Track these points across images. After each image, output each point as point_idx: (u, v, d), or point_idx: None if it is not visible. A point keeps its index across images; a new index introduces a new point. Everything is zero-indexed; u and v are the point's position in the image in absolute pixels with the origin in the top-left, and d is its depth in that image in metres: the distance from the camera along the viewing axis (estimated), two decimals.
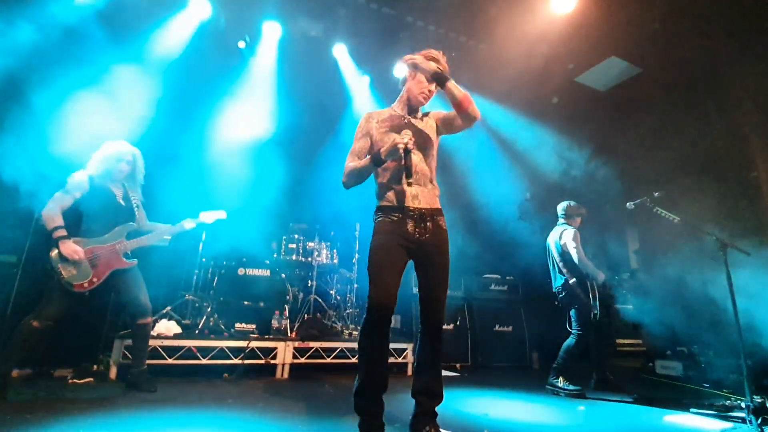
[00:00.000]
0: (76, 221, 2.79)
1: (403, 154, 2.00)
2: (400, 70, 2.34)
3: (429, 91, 2.20)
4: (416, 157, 2.11)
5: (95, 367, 3.29)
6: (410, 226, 2.04)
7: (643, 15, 4.50)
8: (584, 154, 5.89)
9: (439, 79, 2.10)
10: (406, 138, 2.00)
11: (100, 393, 2.74)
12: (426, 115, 2.32)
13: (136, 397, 2.67)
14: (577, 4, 4.47)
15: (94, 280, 2.72)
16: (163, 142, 4.24)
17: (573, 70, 5.63)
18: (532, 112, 6.15)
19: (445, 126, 2.29)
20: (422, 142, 2.16)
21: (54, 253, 2.62)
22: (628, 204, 3.65)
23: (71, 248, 2.63)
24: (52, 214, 2.65)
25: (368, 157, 2.11)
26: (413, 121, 2.24)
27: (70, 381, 3.00)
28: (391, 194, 2.11)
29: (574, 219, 4.04)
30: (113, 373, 3.17)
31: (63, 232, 2.64)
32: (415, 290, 4.39)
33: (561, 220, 4.08)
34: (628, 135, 6.12)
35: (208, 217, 3.42)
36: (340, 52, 5.38)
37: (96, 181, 2.86)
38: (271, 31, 5.05)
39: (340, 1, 4.74)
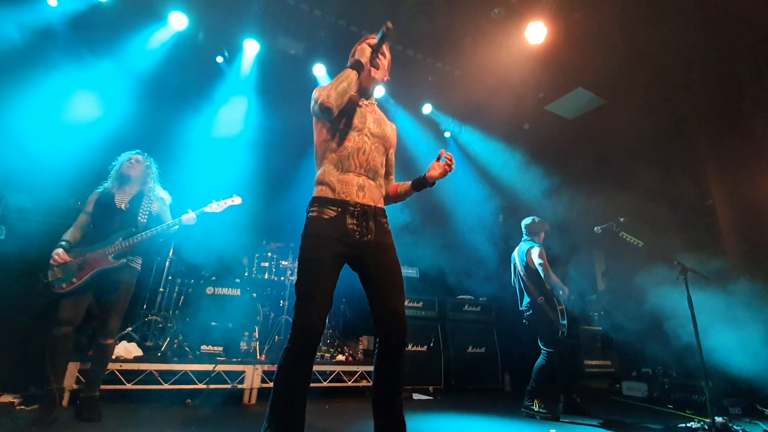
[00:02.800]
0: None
1: (385, 32, 1.79)
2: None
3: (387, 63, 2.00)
4: (369, 144, 1.87)
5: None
6: (350, 223, 1.73)
7: (608, 51, 4.79)
8: (553, 177, 6.11)
9: (427, 184, 1.98)
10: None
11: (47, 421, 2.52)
12: (384, 117, 2.08)
13: (86, 427, 2.47)
14: (547, 38, 4.72)
15: (75, 281, 2.65)
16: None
17: (542, 99, 5.89)
18: (504, 136, 6.37)
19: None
20: (379, 131, 1.93)
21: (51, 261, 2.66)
22: (595, 228, 3.79)
23: (56, 253, 2.65)
24: (68, 231, 2.79)
25: (347, 68, 1.83)
26: (373, 107, 2.03)
27: (16, 407, 2.76)
28: (331, 181, 1.78)
29: (538, 235, 4.03)
30: (65, 400, 2.94)
31: (61, 243, 2.71)
32: None
33: (525, 237, 4.07)
34: (593, 161, 6.42)
35: (217, 206, 3.06)
36: (320, 71, 5.45)
37: (104, 192, 2.89)
38: (251, 48, 5.06)
39: (321, 24, 4.83)
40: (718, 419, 3.01)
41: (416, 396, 4.38)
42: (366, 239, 1.74)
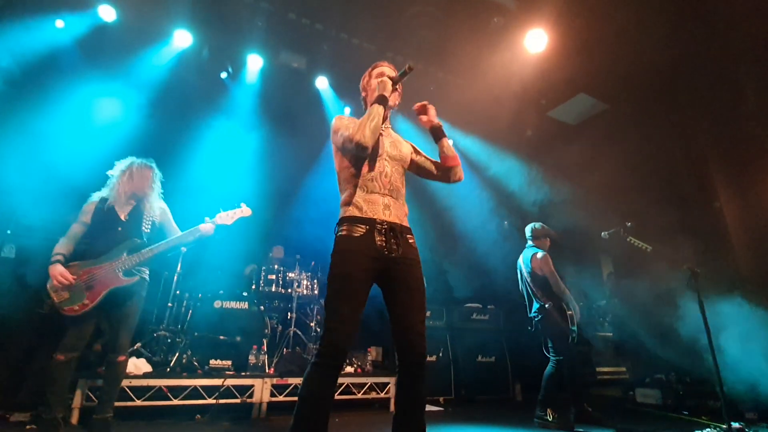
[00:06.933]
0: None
1: (407, 70, 1.88)
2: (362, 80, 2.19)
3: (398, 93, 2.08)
4: (390, 167, 1.94)
5: None
6: (378, 240, 1.77)
7: (609, 56, 4.81)
8: (557, 183, 6.10)
9: (436, 132, 2.05)
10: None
11: None
12: (399, 137, 2.15)
13: None
14: (548, 45, 4.75)
15: (87, 302, 2.51)
16: None
17: (545, 106, 5.91)
18: (507, 143, 6.38)
19: (419, 168, 2.14)
20: (397, 153, 2.01)
21: (49, 280, 2.51)
22: (602, 233, 3.77)
23: (56, 271, 2.48)
24: (59, 242, 2.61)
25: (372, 104, 1.88)
26: (389, 130, 2.09)
27: (27, 427, 2.75)
28: (358, 202, 1.84)
29: (543, 241, 3.96)
30: (75, 418, 2.94)
31: (57, 257, 2.54)
32: None
33: (529, 243, 4.00)
34: (597, 166, 6.40)
35: (227, 217, 2.93)
36: (323, 84, 5.51)
37: (103, 202, 2.74)
38: (255, 62, 5.13)
39: (323, 37, 4.89)
40: (735, 425, 2.96)
41: (427, 408, 4.32)
42: (394, 255, 1.78)
